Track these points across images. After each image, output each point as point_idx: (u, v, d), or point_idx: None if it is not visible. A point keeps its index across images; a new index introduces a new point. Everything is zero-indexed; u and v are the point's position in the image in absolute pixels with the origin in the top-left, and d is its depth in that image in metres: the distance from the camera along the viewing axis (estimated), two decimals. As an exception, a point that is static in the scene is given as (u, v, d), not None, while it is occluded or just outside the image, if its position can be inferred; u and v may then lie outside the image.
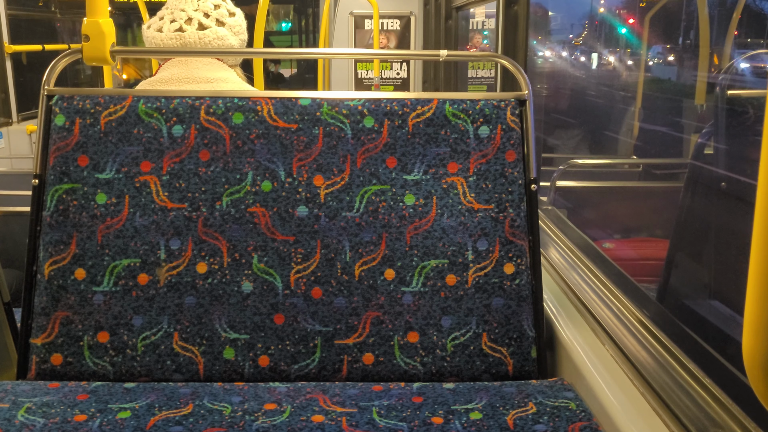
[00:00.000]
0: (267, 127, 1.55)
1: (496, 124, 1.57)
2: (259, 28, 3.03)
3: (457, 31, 5.20)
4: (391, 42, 7.11)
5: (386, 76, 7.12)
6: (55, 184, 1.53)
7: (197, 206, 1.53)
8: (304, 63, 11.35)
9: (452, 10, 5.00)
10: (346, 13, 7.06)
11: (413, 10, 7.03)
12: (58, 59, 1.57)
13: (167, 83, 1.92)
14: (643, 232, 3.24)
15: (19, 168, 5.26)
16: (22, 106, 5.69)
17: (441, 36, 5.29)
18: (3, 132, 5.42)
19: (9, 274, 2.90)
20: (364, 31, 7.09)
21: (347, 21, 7.06)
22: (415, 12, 7.03)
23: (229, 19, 2.06)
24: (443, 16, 5.14)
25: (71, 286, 1.51)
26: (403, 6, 7.04)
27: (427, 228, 1.55)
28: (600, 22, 17.00)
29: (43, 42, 6.36)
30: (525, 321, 1.55)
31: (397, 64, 7.12)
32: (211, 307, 1.52)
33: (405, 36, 7.11)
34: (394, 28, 7.08)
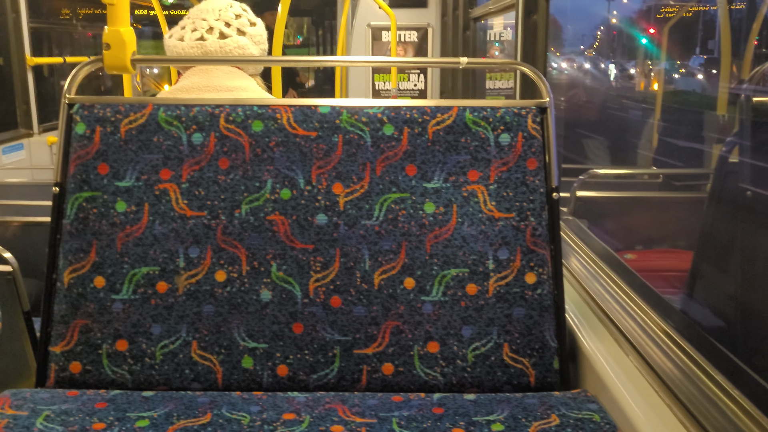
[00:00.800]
0: (286, 135, 1.55)
1: (517, 131, 1.55)
2: (277, 37, 3.04)
3: (475, 42, 5.20)
4: (409, 54, 7.11)
5: (403, 87, 7.13)
6: (75, 192, 1.53)
7: (216, 214, 1.53)
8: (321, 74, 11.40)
9: (470, 21, 5.00)
10: (364, 25, 7.08)
11: (431, 21, 7.04)
12: (79, 67, 1.58)
13: (187, 92, 1.93)
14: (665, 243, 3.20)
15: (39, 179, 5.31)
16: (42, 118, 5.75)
17: (459, 47, 5.28)
18: (24, 143, 5.48)
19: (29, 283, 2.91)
20: (382, 43, 7.10)
21: (365, 33, 7.08)
22: (433, 24, 7.04)
23: (250, 28, 2.07)
24: (461, 27, 5.14)
25: (90, 294, 1.51)
26: (421, 18, 7.04)
27: (447, 236, 1.53)
28: (617, 32, 16.88)
29: (63, 54, 6.44)
30: (547, 331, 1.52)
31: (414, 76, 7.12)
32: (229, 316, 1.51)
33: (422, 48, 7.11)
34: (412, 39, 7.08)
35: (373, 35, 7.08)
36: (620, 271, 1.82)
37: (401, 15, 6.74)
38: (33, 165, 5.52)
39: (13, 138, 5.39)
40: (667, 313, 1.53)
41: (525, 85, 2.55)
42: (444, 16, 6.60)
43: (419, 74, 7.16)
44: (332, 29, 13.40)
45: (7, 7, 5.41)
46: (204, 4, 2.11)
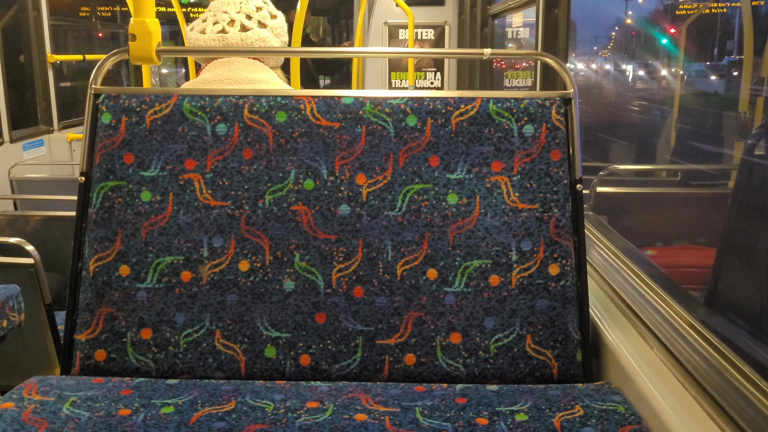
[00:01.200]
0: (310, 126, 1.55)
1: (541, 122, 1.55)
2: (297, 30, 3.05)
3: (493, 39, 5.18)
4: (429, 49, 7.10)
5: (420, 85, 7.12)
6: (100, 182, 1.54)
7: (240, 204, 1.53)
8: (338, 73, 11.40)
9: (488, 18, 4.98)
10: (381, 23, 7.08)
11: (447, 19, 7.03)
12: (105, 58, 1.59)
13: (210, 84, 1.94)
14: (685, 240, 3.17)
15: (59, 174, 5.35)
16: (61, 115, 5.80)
17: (476, 45, 5.27)
18: (44, 139, 5.53)
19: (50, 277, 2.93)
20: (399, 41, 7.10)
21: (381, 31, 7.08)
22: (450, 21, 7.02)
23: (271, 21, 2.08)
24: (479, 25, 5.13)
25: (115, 283, 1.52)
26: (438, 15, 7.03)
27: (470, 228, 1.53)
28: (635, 32, 16.78)
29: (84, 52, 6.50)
30: (570, 323, 1.51)
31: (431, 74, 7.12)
32: (252, 306, 1.52)
33: (439, 46, 7.10)
34: (429, 37, 7.08)
35: (390, 33, 7.08)
36: (642, 264, 1.80)
37: (418, 13, 6.74)
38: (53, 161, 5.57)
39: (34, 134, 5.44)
40: (691, 307, 1.52)
41: (545, 79, 2.54)
42: (461, 13, 6.58)
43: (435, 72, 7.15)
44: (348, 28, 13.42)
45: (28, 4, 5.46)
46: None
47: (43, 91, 5.63)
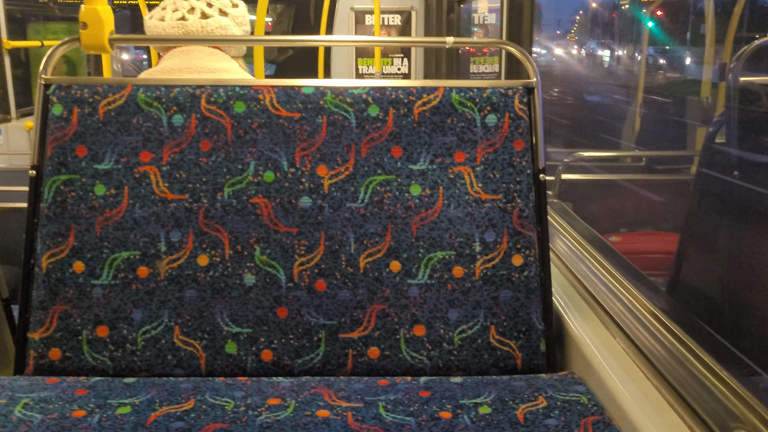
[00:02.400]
0: (269, 116, 1.52)
1: (504, 112, 1.53)
2: (260, 17, 2.99)
3: (459, 25, 5.16)
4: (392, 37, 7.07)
5: (387, 71, 7.08)
6: (52, 175, 1.49)
7: (198, 197, 1.50)
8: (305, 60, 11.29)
9: (454, 3, 4.96)
10: (347, 8, 7.02)
11: (414, 5, 6.99)
12: (56, 47, 1.54)
13: (168, 73, 1.89)
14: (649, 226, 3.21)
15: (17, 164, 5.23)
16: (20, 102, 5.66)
17: (443, 30, 5.25)
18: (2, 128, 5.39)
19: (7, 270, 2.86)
20: (365, 26, 7.04)
21: (348, 16, 7.02)
22: (416, 7, 6.99)
23: (232, 9, 2.03)
24: (445, 10, 5.11)
25: (69, 280, 1.48)
26: (405, 1, 6.99)
27: (433, 219, 1.51)
28: (596, 15, 16.81)
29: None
30: (534, 314, 1.51)
31: (398, 60, 7.08)
32: (212, 301, 1.49)
33: (406, 31, 7.07)
34: (395, 23, 7.03)
35: (356, 19, 7.03)
36: (606, 253, 1.81)
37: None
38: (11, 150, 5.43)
39: None
40: (653, 295, 1.53)
41: (510, 67, 2.53)
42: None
43: (402, 58, 7.12)
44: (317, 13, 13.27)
45: (-19, -11, 5.30)
46: None
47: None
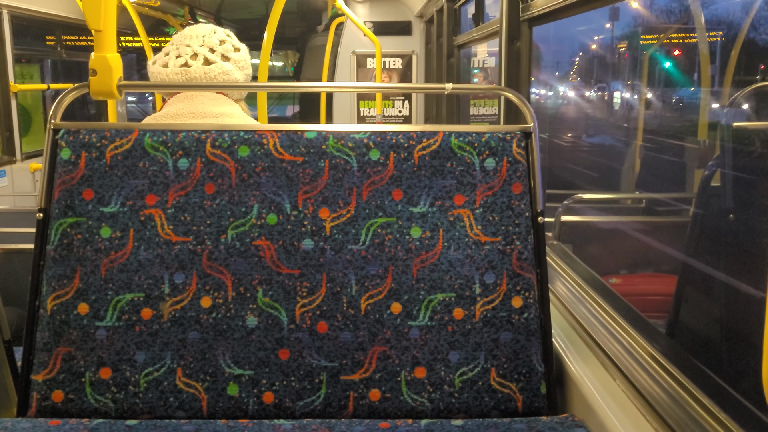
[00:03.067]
0: (273, 160, 1.55)
1: (502, 156, 1.56)
2: (263, 63, 3.05)
3: (459, 69, 5.25)
4: (393, 80, 7.18)
5: (388, 113, 7.18)
6: (59, 218, 1.52)
7: (202, 240, 1.52)
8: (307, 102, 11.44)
9: (454, 48, 5.05)
10: (349, 52, 7.15)
11: (415, 48, 7.12)
12: (65, 93, 1.58)
13: (172, 118, 1.92)
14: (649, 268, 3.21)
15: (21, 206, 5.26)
16: (26, 145, 5.72)
17: (443, 74, 5.33)
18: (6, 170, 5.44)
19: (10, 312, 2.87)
20: (367, 69, 7.16)
21: (349, 60, 7.14)
22: (417, 51, 7.11)
23: (234, 54, 2.07)
24: (445, 55, 5.20)
25: (74, 321, 1.49)
26: (405, 45, 7.12)
27: (433, 261, 1.53)
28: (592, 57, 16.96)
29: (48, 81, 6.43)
30: (534, 356, 1.52)
31: (399, 102, 7.18)
32: (215, 343, 1.50)
33: (407, 74, 7.19)
34: (396, 66, 7.15)
35: (358, 62, 7.15)
36: (606, 296, 1.82)
37: (386, 42, 6.83)
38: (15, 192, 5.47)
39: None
40: (653, 338, 1.54)
41: (509, 111, 2.57)
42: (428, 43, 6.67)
43: (404, 100, 7.22)
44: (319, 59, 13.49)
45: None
46: (188, 30, 2.10)
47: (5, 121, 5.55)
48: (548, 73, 19.40)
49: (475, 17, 4.23)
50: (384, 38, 6.76)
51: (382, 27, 7.07)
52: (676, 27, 8.65)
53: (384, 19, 7.12)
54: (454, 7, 4.97)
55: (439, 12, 5.41)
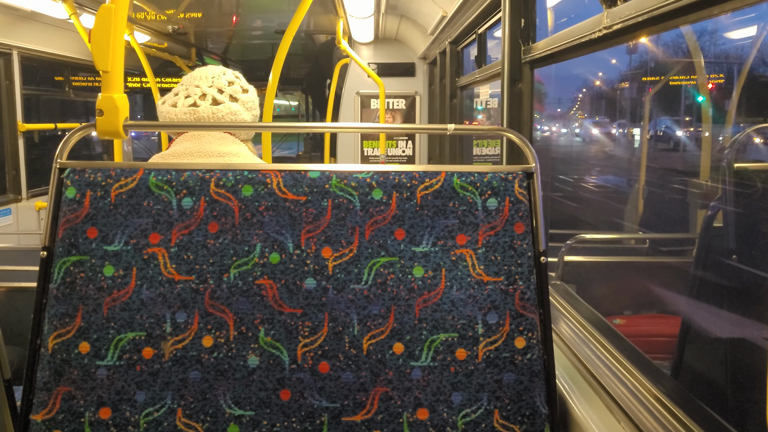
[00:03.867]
0: (276, 200, 1.56)
1: (504, 196, 1.57)
2: (268, 103, 3.09)
3: (462, 109, 5.31)
4: (397, 120, 7.25)
5: (392, 153, 7.23)
6: (63, 257, 1.52)
7: (205, 278, 1.52)
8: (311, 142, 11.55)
9: (456, 89, 5.11)
10: (353, 93, 7.23)
11: (418, 89, 7.20)
12: (71, 133, 1.59)
13: (179, 157, 1.94)
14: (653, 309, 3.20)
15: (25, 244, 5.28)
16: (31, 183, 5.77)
17: (446, 115, 5.39)
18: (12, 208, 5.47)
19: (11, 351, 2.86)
20: (371, 110, 7.24)
21: (354, 101, 7.23)
22: (420, 92, 7.20)
23: (243, 95, 2.10)
24: (448, 96, 5.26)
25: (75, 360, 1.49)
26: (409, 86, 7.21)
27: (436, 301, 1.53)
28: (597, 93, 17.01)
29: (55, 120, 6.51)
30: (537, 397, 1.50)
31: (402, 142, 7.24)
32: (216, 382, 1.49)
33: (410, 115, 7.26)
34: (400, 107, 7.23)
35: (362, 103, 7.23)
36: (610, 336, 1.81)
37: (390, 83, 6.92)
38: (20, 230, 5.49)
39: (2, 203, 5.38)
40: (657, 379, 1.52)
41: (512, 151, 2.59)
42: (431, 84, 6.75)
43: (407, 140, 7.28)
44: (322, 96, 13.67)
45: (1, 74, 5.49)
46: (197, 72, 2.14)
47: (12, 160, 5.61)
48: (551, 109, 19.47)
49: (477, 59, 4.29)
50: (388, 79, 6.85)
51: (386, 68, 7.18)
52: (679, 67, 8.71)
53: (388, 60, 7.22)
54: (456, 49, 5.05)
55: (442, 54, 5.49)
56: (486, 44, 4.26)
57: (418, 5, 5.06)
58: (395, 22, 6.38)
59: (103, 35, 1.51)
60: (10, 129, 5.52)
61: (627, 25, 1.58)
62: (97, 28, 1.52)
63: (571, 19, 2.17)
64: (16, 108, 5.54)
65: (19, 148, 5.56)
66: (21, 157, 5.58)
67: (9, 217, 5.42)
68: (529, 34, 2.52)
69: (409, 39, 6.89)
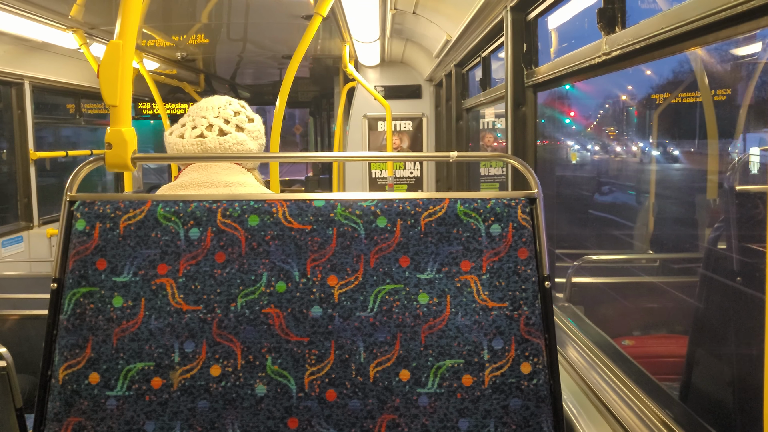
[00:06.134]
0: (282, 229, 1.58)
1: (508, 222, 1.58)
2: (275, 132, 3.13)
3: (468, 130, 5.33)
4: (404, 142, 7.29)
5: (400, 175, 7.26)
6: (73, 288, 1.54)
7: (212, 308, 1.54)
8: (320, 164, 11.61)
9: (462, 111, 5.14)
10: (360, 115, 7.28)
11: (425, 111, 7.25)
12: (81, 166, 1.62)
13: (187, 187, 1.97)
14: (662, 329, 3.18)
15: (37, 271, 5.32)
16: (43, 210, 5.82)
17: (453, 135, 5.42)
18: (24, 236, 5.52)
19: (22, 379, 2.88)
20: (378, 132, 7.29)
21: (361, 123, 7.28)
22: (427, 113, 7.24)
23: (248, 124, 2.13)
24: (454, 117, 5.29)
25: (85, 391, 1.50)
26: (416, 108, 7.26)
27: (441, 327, 1.54)
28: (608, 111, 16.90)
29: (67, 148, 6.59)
30: (545, 423, 1.51)
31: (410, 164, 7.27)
32: (224, 411, 1.50)
33: (417, 136, 7.30)
34: (407, 129, 7.27)
35: (369, 125, 7.28)
36: (617, 360, 1.81)
37: (396, 106, 6.97)
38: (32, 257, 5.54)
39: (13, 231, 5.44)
40: (665, 403, 1.52)
41: (516, 174, 2.61)
42: (438, 106, 6.79)
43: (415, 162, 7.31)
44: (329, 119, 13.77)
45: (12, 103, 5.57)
46: (204, 102, 2.18)
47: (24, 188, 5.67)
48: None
49: (482, 82, 4.32)
50: (394, 102, 6.91)
51: (393, 91, 7.23)
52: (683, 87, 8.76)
53: (394, 83, 7.28)
54: (462, 71, 5.09)
55: (447, 76, 5.53)
56: (490, 67, 4.30)
57: (423, 29, 5.11)
58: (401, 46, 6.44)
59: (111, 70, 1.54)
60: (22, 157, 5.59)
61: (625, 52, 1.60)
62: (105, 64, 1.56)
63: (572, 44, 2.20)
64: (28, 136, 5.61)
65: (30, 176, 5.63)
66: (32, 185, 5.65)
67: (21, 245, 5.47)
68: (532, 58, 2.54)
69: (414, 62, 6.95)
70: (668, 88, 6.13)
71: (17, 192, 5.59)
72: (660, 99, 5.99)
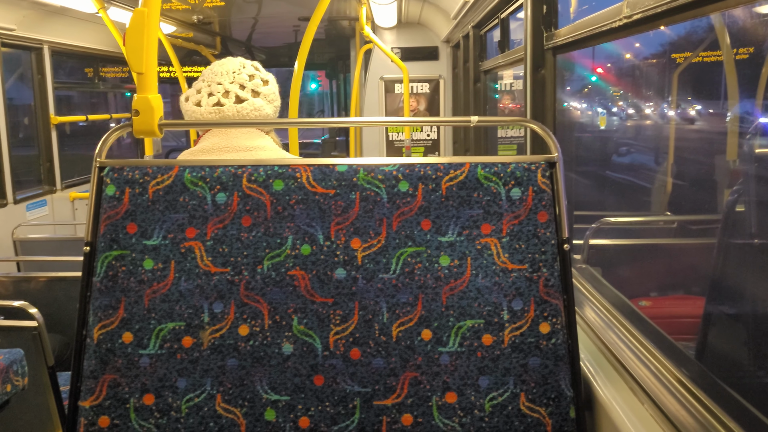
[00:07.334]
0: (306, 193, 1.61)
1: (528, 186, 1.61)
2: (294, 96, 3.15)
3: (486, 92, 5.31)
4: (421, 104, 7.27)
5: (417, 137, 7.26)
6: (105, 251, 1.60)
7: (239, 270, 1.59)
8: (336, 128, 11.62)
9: (480, 73, 5.11)
10: (377, 77, 7.25)
11: (442, 73, 7.20)
12: (109, 133, 1.66)
13: (208, 152, 2.00)
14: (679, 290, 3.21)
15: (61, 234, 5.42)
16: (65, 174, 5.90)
17: (470, 98, 5.39)
18: (47, 199, 5.61)
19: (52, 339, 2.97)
20: (395, 94, 7.26)
21: (378, 85, 7.25)
22: (444, 75, 7.20)
23: (263, 87, 2.15)
24: (472, 80, 5.26)
25: (119, 350, 1.56)
26: (433, 70, 7.21)
27: (462, 288, 1.58)
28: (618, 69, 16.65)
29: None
30: (563, 380, 1.55)
31: (427, 126, 7.26)
32: (252, 369, 1.56)
33: (434, 98, 7.27)
34: (424, 91, 7.24)
35: (386, 87, 7.25)
36: (634, 320, 1.84)
37: (413, 67, 6.92)
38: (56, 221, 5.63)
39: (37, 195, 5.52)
40: (681, 362, 1.56)
41: (535, 137, 2.62)
42: (455, 68, 6.75)
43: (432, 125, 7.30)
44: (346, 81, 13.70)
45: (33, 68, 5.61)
46: (217, 66, 2.18)
47: (46, 152, 5.74)
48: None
49: (500, 44, 4.29)
50: (411, 63, 6.86)
51: (410, 53, 7.19)
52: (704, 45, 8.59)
53: (411, 44, 7.22)
54: (479, 33, 5.04)
55: (465, 38, 5.49)
56: (509, 29, 4.26)
57: (441, -11, 5.06)
58: (418, 7, 6.38)
59: (137, 38, 1.57)
60: (44, 121, 5.65)
61: (646, 15, 1.60)
62: (131, 32, 1.58)
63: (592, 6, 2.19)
64: (49, 101, 5.66)
65: (52, 140, 5.69)
66: (54, 149, 5.72)
67: (45, 208, 5.56)
68: (552, 20, 2.53)
69: (432, 23, 6.88)
70: (688, 48, 6.04)
71: (39, 157, 5.66)
72: (681, 58, 5.90)
